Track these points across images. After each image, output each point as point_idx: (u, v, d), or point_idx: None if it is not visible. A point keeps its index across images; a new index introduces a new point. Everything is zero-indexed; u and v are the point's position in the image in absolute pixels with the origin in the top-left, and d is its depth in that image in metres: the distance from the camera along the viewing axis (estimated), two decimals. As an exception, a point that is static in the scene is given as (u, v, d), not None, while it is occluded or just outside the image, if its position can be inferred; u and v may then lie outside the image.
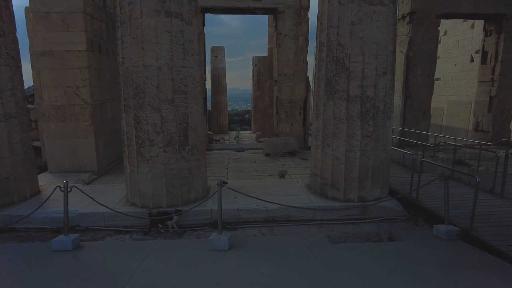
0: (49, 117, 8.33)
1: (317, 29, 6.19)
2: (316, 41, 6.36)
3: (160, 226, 5.42)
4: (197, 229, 5.59)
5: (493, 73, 13.02)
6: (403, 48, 12.62)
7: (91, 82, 8.32)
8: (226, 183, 4.96)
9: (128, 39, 5.37)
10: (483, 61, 13.50)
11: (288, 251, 4.70)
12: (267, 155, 11.57)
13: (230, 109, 30.62)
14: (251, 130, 21.94)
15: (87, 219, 5.64)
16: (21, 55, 6.58)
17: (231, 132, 21.62)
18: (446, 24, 16.82)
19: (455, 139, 10.43)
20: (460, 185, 7.23)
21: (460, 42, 16.88)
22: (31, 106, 12.86)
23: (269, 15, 14.81)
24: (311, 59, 6.54)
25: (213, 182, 6.60)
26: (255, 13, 12.85)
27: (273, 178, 8.43)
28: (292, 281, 3.90)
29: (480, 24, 14.34)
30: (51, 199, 5.26)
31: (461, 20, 16.08)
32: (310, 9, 12.39)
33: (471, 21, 15.52)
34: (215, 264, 4.28)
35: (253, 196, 5.60)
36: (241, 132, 19.82)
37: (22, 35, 8.25)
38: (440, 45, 16.25)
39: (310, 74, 13.61)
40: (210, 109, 21.29)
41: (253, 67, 19.92)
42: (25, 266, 4.30)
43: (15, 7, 7.05)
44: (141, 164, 5.66)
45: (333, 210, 5.91)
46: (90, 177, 8.20)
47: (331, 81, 5.89)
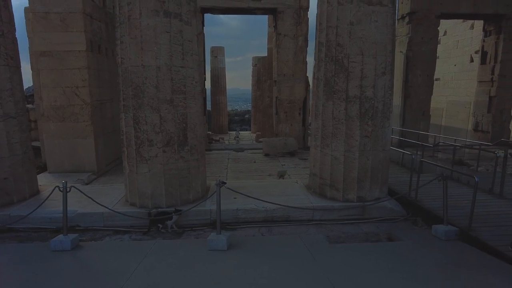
0: (49, 117, 8.33)
1: (316, 29, 6.19)
2: (315, 42, 6.36)
3: (160, 226, 5.43)
4: (196, 229, 5.59)
5: (492, 73, 13.03)
6: (403, 48, 12.63)
7: (91, 82, 8.33)
8: (225, 183, 4.96)
9: (127, 39, 5.37)
10: (483, 61, 13.51)
11: (287, 251, 4.70)
12: (266, 155, 11.57)
13: (230, 109, 30.60)
14: (251, 130, 21.93)
15: (86, 219, 5.64)
16: (21, 55, 6.59)
17: (231, 132, 21.61)
18: (446, 24, 16.82)
19: (455, 139, 10.43)
20: (459, 185, 7.24)
21: (460, 42, 16.88)
22: (30, 106, 12.87)
23: (268, 15, 14.82)
24: (311, 59, 6.55)
25: (212, 182, 6.59)
26: (254, 13, 12.85)
27: (273, 178, 8.43)
28: (290, 281, 3.91)
29: (479, 24, 14.34)
30: (50, 199, 5.27)
31: (460, 20, 16.08)
32: (310, 9, 12.39)
33: (470, 21, 15.52)
34: (214, 264, 4.28)
35: (252, 196, 5.62)
36: (241, 132, 19.80)
37: (21, 35, 8.25)
38: (440, 45, 16.26)
39: (309, 74, 13.60)
40: (210, 109, 21.30)
41: (252, 67, 19.92)
42: (24, 266, 4.31)
43: (15, 7, 7.06)
44: (140, 164, 5.67)
45: (332, 210, 5.91)
46: (89, 177, 8.20)
47: (330, 81, 5.89)
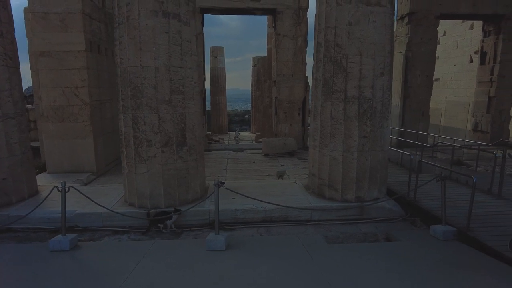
0: (48, 117, 8.34)
1: (315, 29, 6.20)
2: (314, 42, 6.37)
3: (161, 226, 5.44)
4: (195, 230, 5.59)
5: (491, 73, 13.04)
6: (402, 49, 12.64)
7: (90, 82, 8.33)
8: (223, 183, 4.97)
9: (126, 39, 5.38)
10: (482, 61, 13.52)
11: (285, 251, 4.71)
12: (266, 155, 11.58)
13: (230, 109, 30.61)
14: (250, 130, 21.93)
15: (85, 219, 5.65)
16: (20, 55, 6.59)
17: (230, 132, 21.61)
18: (446, 24, 16.82)
19: (454, 139, 10.44)
20: (458, 185, 7.24)
21: (459, 43, 16.88)
22: (30, 106, 12.89)
23: (268, 16, 14.84)
24: (310, 59, 6.55)
25: (211, 183, 6.58)
26: (254, 14, 12.86)
27: (272, 178, 8.44)
28: (289, 281, 3.91)
29: (479, 24, 14.34)
30: (49, 199, 5.27)
31: (460, 21, 16.08)
32: (309, 9, 12.41)
33: (470, 21, 15.53)
34: (212, 265, 4.29)
35: (250, 197, 5.62)
36: (240, 133, 19.80)
37: (21, 35, 8.27)
38: (440, 45, 16.27)
39: (309, 74, 13.61)
40: (209, 109, 21.30)
41: (252, 67, 19.93)
42: (22, 266, 4.31)
43: (14, 8, 7.06)
44: (139, 164, 5.67)
45: (330, 211, 5.92)
46: (88, 177, 8.21)
47: (328, 81, 5.90)
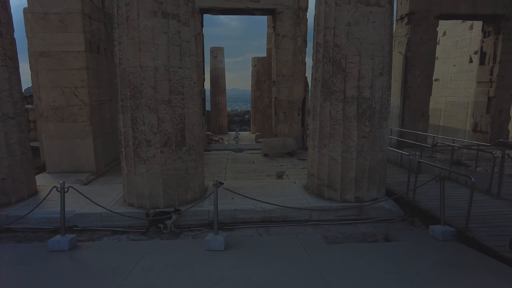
0: (48, 117, 8.34)
1: (314, 30, 6.20)
2: (313, 42, 6.38)
3: (161, 226, 5.44)
4: (194, 230, 5.60)
5: (491, 73, 13.04)
6: (402, 49, 12.64)
7: (90, 82, 8.34)
8: (222, 183, 4.97)
9: (125, 40, 5.38)
10: (482, 62, 13.52)
11: (284, 251, 4.71)
12: (265, 155, 11.58)
13: (230, 109, 30.63)
14: (250, 130, 21.94)
15: (84, 219, 5.65)
16: (20, 55, 6.60)
17: (230, 132, 21.61)
18: (445, 24, 16.83)
19: (453, 139, 10.45)
20: (457, 185, 7.24)
21: (459, 43, 16.89)
22: (30, 106, 12.89)
23: (268, 16, 14.84)
24: (310, 60, 6.56)
25: (210, 183, 6.58)
26: (253, 14, 12.87)
27: (271, 178, 8.45)
28: (287, 281, 3.92)
29: (479, 24, 14.35)
30: (48, 199, 5.27)
31: (460, 21, 16.09)
32: (309, 10, 12.41)
33: (470, 22, 15.53)
34: (211, 265, 4.29)
35: (249, 197, 5.63)
36: (240, 133, 19.79)
37: (21, 35, 8.29)
38: (439, 45, 16.28)
39: (308, 75, 13.62)
40: (209, 109, 21.31)
41: (252, 67, 19.92)
42: (21, 266, 4.32)
43: (14, 8, 7.07)
44: (138, 164, 5.67)
45: (329, 211, 5.92)
46: (88, 177, 8.22)
47: (327, 82, 5.90)
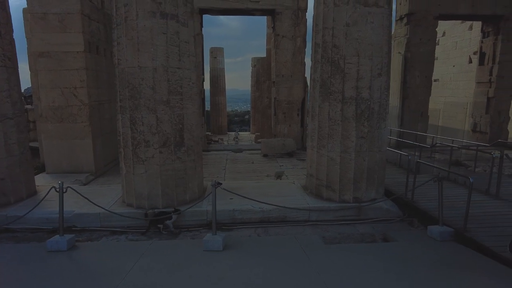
0: (47, 118, 8.35)
1: (313, 30, 6.21)
2: (311, 43, 6.38)
3: (160, 226, 5.43)
4: (193, 230, 5.60)
5: (490, 74, 13.04)
6: (401, 49, 12.65)
7: (89, 83, 8.35)
8: (220, 183, 4.97)
9: (123, 40, 5.39)
10: (481, 62, 13.53)
11: (283, 252, 4.72)
12: (265, 156, 11.59)
13: (230, 110, 30.62)
14: (250, 131, 21.94)
15: (83, 219, 5.65)
16: (19, 56, 6.61)
17: (230, 133, 21.61)
18: (445, 25, 16.83)
19: (452, 140, 10.45)
20: (456, 186, 7.25)
21: (459, 43, 16.89)
22: (29, 106, 12.90)
23: (267, 16, 14.85)
24: (309, 60, 6.58)
25: (209, 183, 6.60)
26: (253, 14, 12.88)
27: (270, 179, 8.45)
28: (285, 281, 3.92)
29: (478, 25, 14.34)
30: (47, 199, 5.27)
31: (459, 21, 16.08)
32: (308, 10, 12.42)
33: (469, 22, 15.53)
34: (209, 265, 4.29)
35: (248, 197, 5.63)
36: (240, 133, 19.80)
37: (20, 36, 8.29)
38: (439, 46, 16.28)
39: (308, 75, 13.61)
40: (209, 110, 21.30)
41: (252, 68, 19.93)
42: (20, 266, 4.32)
43: (13, 8, 7.07)
44: (137, 165, 5.68)
45: (328, 211, 5.93)
46: (87, 177, 8.22)
47: (326, 82, 5.91)
